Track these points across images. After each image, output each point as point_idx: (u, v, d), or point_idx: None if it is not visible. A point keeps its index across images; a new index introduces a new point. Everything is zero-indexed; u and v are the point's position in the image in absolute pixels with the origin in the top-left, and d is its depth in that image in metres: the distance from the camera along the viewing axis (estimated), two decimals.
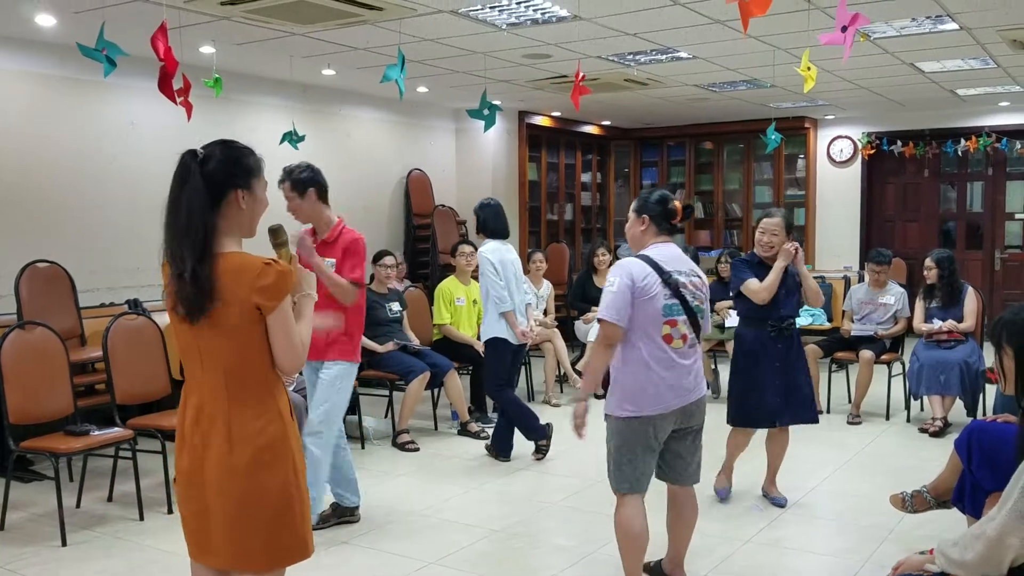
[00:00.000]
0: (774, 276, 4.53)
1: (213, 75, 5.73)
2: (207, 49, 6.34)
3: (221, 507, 2.36)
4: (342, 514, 4.52)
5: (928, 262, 6.61)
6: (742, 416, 4.65)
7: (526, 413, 5.76)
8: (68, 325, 5.85)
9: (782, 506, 4.69)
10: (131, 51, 4.79)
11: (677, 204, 3.48)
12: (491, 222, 5.74)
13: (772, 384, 4.55)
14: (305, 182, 4.23)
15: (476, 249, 5.99)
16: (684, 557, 3.68)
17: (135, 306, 6.44)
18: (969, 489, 3.14)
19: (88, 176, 6.75)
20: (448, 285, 6.97)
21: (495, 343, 5.67)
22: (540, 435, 5.75)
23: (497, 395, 5.78)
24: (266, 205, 2.48)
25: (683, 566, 3.68)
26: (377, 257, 6.66)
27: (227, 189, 2.37)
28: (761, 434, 4.76)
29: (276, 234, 2.52)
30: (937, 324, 6.45)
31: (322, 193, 4.28)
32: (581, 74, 5.72)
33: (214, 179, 2.35)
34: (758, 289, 4.52)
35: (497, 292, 5.58)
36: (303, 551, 2.44)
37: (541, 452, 5.75)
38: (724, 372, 6.47)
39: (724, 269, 7.66)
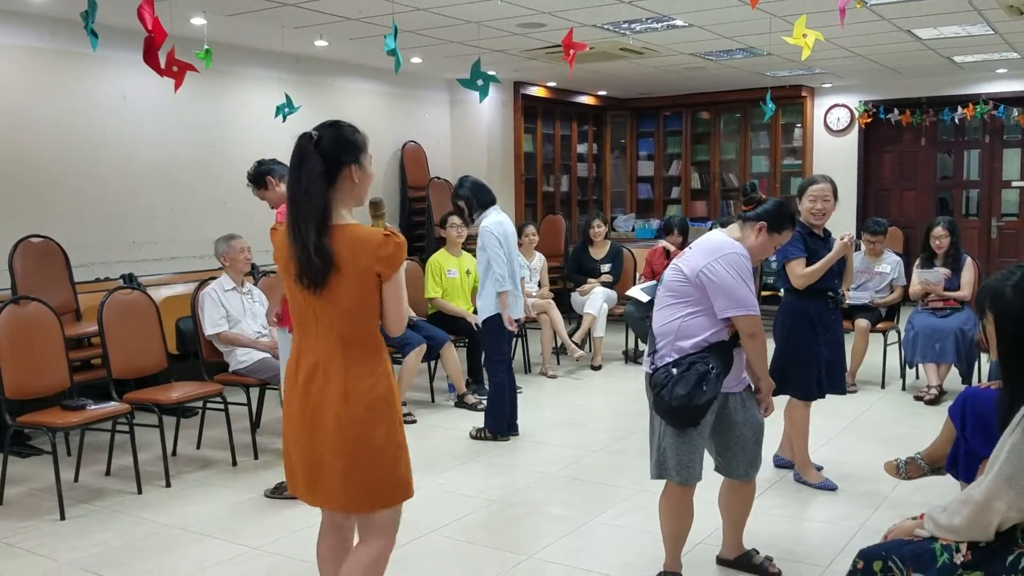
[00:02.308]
0: (822, 265, 4.41)
1: (204, 47, 5.67)
2: (198, 20, 6.27)
3: (336, 456, 2.54)
4: (283, 489, 4.49)
5: (940, 231, 6.48)
6: (797, 388, 4.48)
7: (505, 407, 5.59)
8: (63, 300, 5.85)
9: (819, 469, 4.72)
10: (121, 23, 4.74)
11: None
12: (479, 196, 5.54)
13: (820, 355, 4.50)
14: (260, 175, 4.58)
15: (466, 223, 5.90)
16: None
17: (130, 280, 6.44)
18: (963, 455, 3.16)
19: (80, 150, 6.71)
20: (438, 258, 6.95)
21: (496, 320, 5.50)
22: (499, 430, 5.58)
23: (495, 373, 5.63)
24: (373, 177, 2.65)
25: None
26: None
27: (341, 165, 2.53)
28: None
29: (377, 207, 2.69)
30: (938, 277, 6.40)
31: (281, 175, 4.52)
32: (574, 41, 5.65)
33: (328, 157, 2.51)
34: (803, 274, 4.40)
35: (500, 270, 5.40)
36: (407, 492, 2.66)
37: (481, 436, 5.60)
38: None
39: None
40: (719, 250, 3.24)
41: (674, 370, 3.17)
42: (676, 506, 3.37)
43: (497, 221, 5.50)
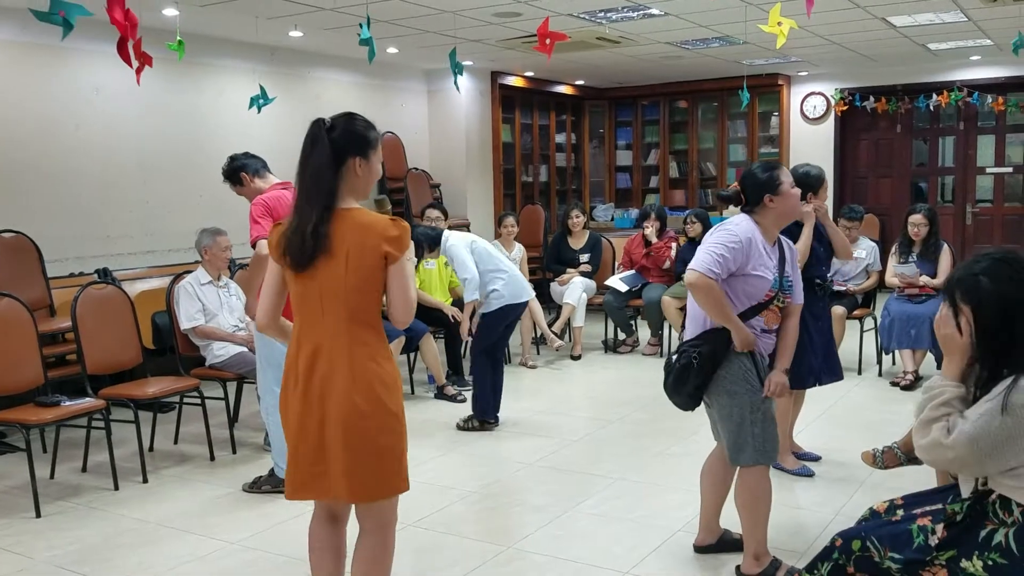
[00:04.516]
0: (805, 242, 4.38)
1: (176, 38, 5.60)
2: (170, 11, 6.20)
3: (343, 443, 2.55)
4: (276, 484, 4.45)
5: (919, 218, 6.48)
6: (793, 377, 4.37)
7: (486, 393, 5.62)
8: (36, 296, 5.79)
9: (818, 459, 4.78)
10: (93, 13, 4.65)
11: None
12: (427, 239, 5.79)
13: (815, 343, 4.50)
14: (234, 172, 4.58)
15: (444, 215, 5.98)
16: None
17: (105, 275, 6.38)
18: None
19: (53, 144, 6.62)
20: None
21: (488, 316, 5.59)
22: (486, 416, 5.61)
23: (474, 360, 5.68)
24: (379, 175, 2.72)
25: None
26: None
27: (346, 156, 2.60)
28: None
29: (381, 204, 2.74)
30: (913, 270, 6.46)
31: (254, 170, 4.55)
32: (553, 30, 5.63)
33: (337, 146, 2.58)
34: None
35: (468, 275, 5.60)
36: (406, 483, 2.70)
37: (468, 426, 5.63)
38: None
39: (691, 230, 7.67)
40: (717, 228, 3.37)
41: (674, 357, 3.35)
42: (768, 483, 3.39)
43: (456, 240, 5.71)
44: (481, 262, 5.63)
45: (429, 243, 5.83)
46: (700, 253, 3.29)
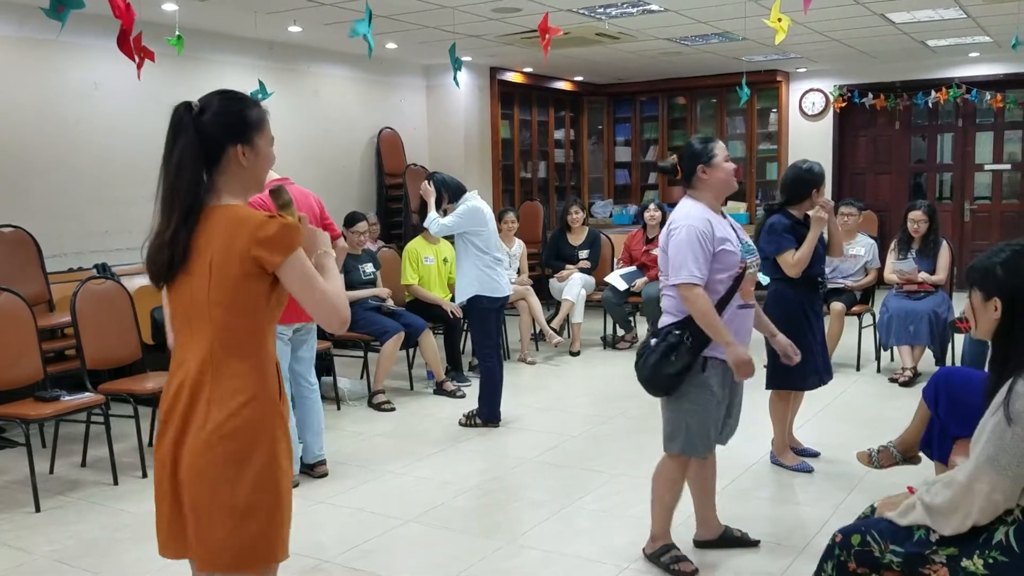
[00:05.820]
0: (808, 245, 4.37)
1: (175, 33, 5.59)
2: (169, 6, 6.19)
3: (190, 493, 2.11)
4: None
5: (919, 215, 6.49)
6: (798, 379, 4.48)
7: (497, 394, 5.58)
8: (35, 291, 5.78)
9: (817, 455, 4.81)
10: (92, 9, 4.64)
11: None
12: (450, 188, 5.55)
13: (818, 341, 4.51)
14: None
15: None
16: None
17: (104, 270, 6.37)
18: (937, 435, 3.20)
19: (52, 139, 6.61)
20: (415, 245, 6.91)
21: (477, 301, 5.48)
22: (489, 419, 5.56)
23: (485, 358, 5.57)
24: (272, 160, 2.27)
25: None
26: (349, 222, 6.55)
27: (225, 144, 2.15)
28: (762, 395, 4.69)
29: (278, 195, 2.32)
30: (911, 267, 6.46)
31: None
32: (549, 25, 5.64)
33: (210, 133, 2.14)
34: (795, 262, 4.37)
35: (482, 243, 5.40)
36: (272, 554, 2.16)
37: (470, 423, 5.59)
38: None
39: None
40: (673, 223, 3.35)
41: (652, 341, 3.34)
42: (684, 476, 3.46)
43: (479, 204, 5.52)
44: (485, 245, 5.49)
45: (450, 193, 5.52)
46: (676, 262, 3.24)
